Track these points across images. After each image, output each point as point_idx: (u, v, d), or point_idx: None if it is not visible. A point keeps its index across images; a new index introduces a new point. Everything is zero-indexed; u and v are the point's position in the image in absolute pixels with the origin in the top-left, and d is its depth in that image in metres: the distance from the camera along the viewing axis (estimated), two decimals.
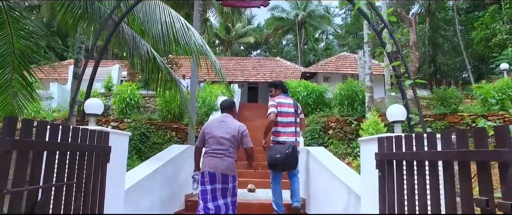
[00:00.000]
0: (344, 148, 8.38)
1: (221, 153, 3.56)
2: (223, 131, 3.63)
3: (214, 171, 3.48)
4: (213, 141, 3.62)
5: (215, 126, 3.71)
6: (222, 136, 3.60)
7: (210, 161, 3.54)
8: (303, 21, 32.39)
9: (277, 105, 4.26)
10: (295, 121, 4.35)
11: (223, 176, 3.53)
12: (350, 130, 8.90)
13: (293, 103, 4.43)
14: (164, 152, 5.93)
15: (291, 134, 4.30)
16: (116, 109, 10.46)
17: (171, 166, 5.42)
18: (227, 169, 3.54)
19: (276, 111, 4.22)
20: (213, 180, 3.52)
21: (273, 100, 4.35)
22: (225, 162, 3.54)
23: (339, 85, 9.52)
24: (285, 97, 4.45)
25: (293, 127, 4.33)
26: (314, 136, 8.85)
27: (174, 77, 7.54)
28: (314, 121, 9.25)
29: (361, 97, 9.08)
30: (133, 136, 9.50)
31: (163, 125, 9.86)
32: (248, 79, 22.14)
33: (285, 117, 4.30)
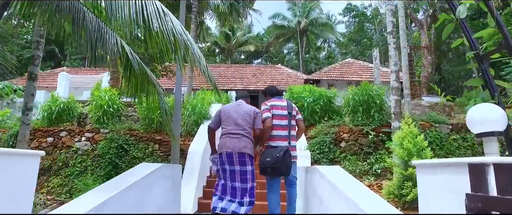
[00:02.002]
0: (362, 165, 6.69)
1: (238, 134, 3.68)
2: (239, 112, 3.84)
3: (231, 150, 3.58)
4: (229, 121, 3.79)
5: (231, 109, 3.93)
6: (239, 117, 3.78)
7: (227, 142, 3.65)
8: (305, 29, 30.94)
9: (270, 108, 4.03)
10: (290, 124, 4.05)
11: (241, 156, 3.59)
12: (366, 142, 7.21)
13: (287, 104, 4.16)
14: (126, 174, 4.29)
15: (284, 138, 4.00)
16: (93, 118, 8.82)
17: (133, 193, 3.76)
18: (244, 147, 3.61)
19: (271, 114, 3.97)
20: (231, 161, 3.62)
21: (265, 103, 4.14)
22: (242, 142, 3.64)
23: (351, 88, 7.86)
24: (278, 99, 4.22)
25: (286, 131, 4.03)
26: (323, 150, 7.16)
27: (152, 78, 5.94)
28: (322, 131, 7.57)
29: (379, 102, 7.42)
30: (108, 149, 7.84)
31: (144, 136, 8.21)
32: (247, 87, 20.54)
33: (279, 120, 4.03)
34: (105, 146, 7.88)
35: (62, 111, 8.89)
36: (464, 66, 31.17)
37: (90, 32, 4.76)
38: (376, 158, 6.94)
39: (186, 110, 8.80)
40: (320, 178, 4.21)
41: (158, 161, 7.76)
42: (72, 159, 8.05)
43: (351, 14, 31.19)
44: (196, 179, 6.83)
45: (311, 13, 30.34)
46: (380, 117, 7.40)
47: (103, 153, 7.82)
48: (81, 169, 7.90)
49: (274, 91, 4.34)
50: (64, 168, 7.97)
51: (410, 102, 8.89)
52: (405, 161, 4.26)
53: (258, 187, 6.90)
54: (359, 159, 7.03)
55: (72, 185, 7.64)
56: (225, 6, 13.38)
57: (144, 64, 5.83)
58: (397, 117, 5.79)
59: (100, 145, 7.98)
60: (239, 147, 3.62)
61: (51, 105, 8.83)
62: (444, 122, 7.12)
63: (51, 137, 8.41)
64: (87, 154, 8.11)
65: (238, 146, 3.62)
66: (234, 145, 3.62)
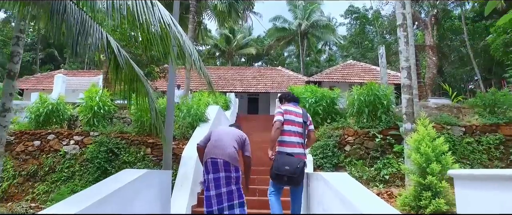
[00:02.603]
0: (369, 171, 6.13)
1: (224, 145, 3.63)
2: (230, 134, 3.85)
3: (215, 157, 3.50)
4: (216, 137, 3.76)
5: (222, 130, 3.98)
6: (228, 138, 3.75)
7: (213, 150, 3.61)
8: (306, 32, 30.43)
9: (283, 112, 3.92)
10: (303, 132, 3.94)
11: (226, 164, 3.50)
12: (373, 146, 6.65)
13: (302, 112, 4.04)
14: (105, 183, 3.73)
15: (298, 145, 3.84)
16: (83, 120, 8.29)
17: (113, 205, 3.21)
18: (229, 157, 3.52)
19: (282, 119, 3.86)
20: (215, 168, 3.51)
21: (280, 107, 4.06)
22: (228, 150, 3.57)
23: (356, 88, 7.31)
24: (293, 105, 4.10)
25: (299, 138, 3.89)
26: (326, 154, 6.60)
27: (141, 77, 5.41)
28: (325, 134, 7.02)
29: (386, 103, 6.87)
30: (97, 153, 7.30)
31: (136, 139, 7.66)
32: (247, 89, 20.01)
33: (292, 126, 3.88)
34: (94, 150, 7.35)
35: (51, 113, 8.37)
36: (465, 68, 30.65)
37: (71, 25, 4.25)
38: (384, 163, 6.38)
39: (181, 111, 8.27)
40: (326, 187, 3.65)
41: (150, 166, 7.21)
42: (60, 164, 7.52)
43: (352, 16, 30.68)
44: (189, 185, 6.31)
45: (312, 15, 29.83)
46: (387, 118, 6.85)
47: (91, 158, 7.29)
48: (68, 174, 7.36)
49: (290, 97, 4.23)
50: (51, 174, 7.44)
51: (417, 103, 8.34)
52: (422, 167, 3.73)
53: (256, 193, 6.38)
54: (365, 164, 6.47)
55: (59, 191, 7.10)
56: (223, 5, 12.88)
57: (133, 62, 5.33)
58: (410, 118, 5.24)
59: (89, 149, 7.45)
60: (226, 155, 3.54)
61: (39, 106, 8.30)
62: (456, 124, 6.56)
63: (38, 141, 7.87)
64: (75, 159, 7.57)
65: (225, 154, 3.55)
66: (220, 153, 3.55)
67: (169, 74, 6.80)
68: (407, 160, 5.23)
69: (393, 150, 6.52)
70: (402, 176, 6.18)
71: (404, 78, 5.34)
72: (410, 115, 5.25)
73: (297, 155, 3.79)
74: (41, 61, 32.44)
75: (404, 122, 5.37)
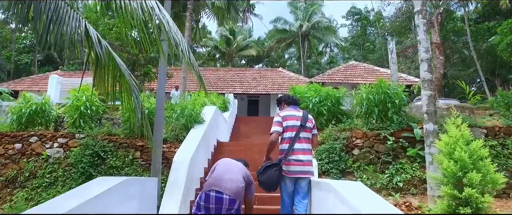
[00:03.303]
0: (382, 178, 5.44)
1: (232, 178, 3.31)
2: (236, 165, 3.55)
3: (221, 191, 3.16)
4: (224, 167, 3.47)
5: (229, 160, 3.67)
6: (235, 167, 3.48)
7: (216, 182, 3.26)
8: (307, 33, 29.79)
9: (283, 120, 3.59)
10: (297, 136, 3.53)
11: (231, 202, 3.17)
12: (384, 150, 5.97)
13: (303, 115, 3.65)
14: (74, 192, 3.07)
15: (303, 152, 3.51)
16: (69, 121, 7.61)
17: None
18: (236, 194, 3.22)
19: (280, 129, 3.56)
20: (219, 207, 3.15)
21: (278, 114, 3.71)
22: (235, 185, 3.26)
23: (364, 87, 6.63)
24: (293, 109, 3.75)
25: (305, 144, 3.55)
26: (332, 159, 5.91)
27: (124, 70, 4.77)
28: (331, 136, 6.33)
29: (398, 102, 6.18)
30: (82, 157, 6.62)
31: (125, 142, 6.98)
32: (247, 91, 19.34)
33: (291, 132, 3.55)
34: (79, 154, 6.67)
35: (35, 114, 7.69)
36: (468, 70, 29.98)
37: (42, 11, 3.59)
38: (397, 168, 5.69)
39: (175, 112, 7.59)
40: (337, 200, 2.97)
41: (139, 171, 6.53)
42: (42, 169, 6.83)
43: (354, 17, 30.04)
44: (180, 193, 5.63)
45: (313, 16, 29.20)
46: (399, 119, 6.17)
47: (75, 162, 6.60)
48: (51, 180, 6.68)
49: (289, 100, 3.89)
50: (32, 179, 6.75)
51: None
52: (458, 177, 3.05)
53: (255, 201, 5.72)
54: (376, 169, 5.78)
55: (39, 199, 6.41)
56: (222, 2, 12.23)
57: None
58: (431, 117, 4.53)
59: (73, 152, 6.77)
60: (233, 190, 3.19)
61: (22, 106, 7.63)
62: (477, 125, 5.87)
63: (20, 143, 7.19)
64: (59, 163, 6.89)
65: (232, 189, 3.20)
66: (228, 187, 3.19)
67: (159, 70, 6.15)
68: (430, 167, 4.54)
69: (407, 154, 5.84)
70: (417, 183, 5.50)
71: (424, 71, 4.65)
72: (432, 114, 4.55)
73: (304, 163, 3.49)
74: (40, 63, 31.87)
75: (424, 122, 4.68)
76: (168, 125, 7.40)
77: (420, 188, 5.43)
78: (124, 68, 4.57)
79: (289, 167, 3.49)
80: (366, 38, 30.69)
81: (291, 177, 3.50)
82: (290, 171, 3.49)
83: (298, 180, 3.54)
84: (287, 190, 3.55)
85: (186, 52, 3.98)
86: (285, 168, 3.49)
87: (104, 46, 4.33)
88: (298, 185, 3.55)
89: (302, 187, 3.56)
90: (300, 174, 3.49)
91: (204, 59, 32.22)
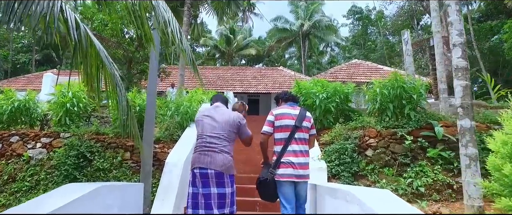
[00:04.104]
0: (403, 182, 4.75)
1: (216, 148, 2.84)
2: (218, 119, 2.97)
3: (206, 167, 2.76)
4: (206, 130, 2.95)
5: (208, 114, 3.04)
6: (217, 126, 2.93)
7: (201, 157, 2.83)
8: (308, 32, 29.12)
9: (276, 119, 3.23)
10: (301, 138, 3.19)
11: (218, 176, 2.77)
12: (401, 150, 5.28)
13: (299, 114, 3.25)
14: (29, 205, 2.38)
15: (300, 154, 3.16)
16: (54, 119, 6.93)
17: None
18: (222, 165, 2.79)
19: (270, 130, 3.25)
20: (206, 182, 2.77)
21: (272, 113, 3.32)
22: (220, 158, 2.81)
23: (378, 81, 5.96)
24: (289, 106, 3.35)
25: (301, 145, 3.18)
26: (343, 160, 5.22)
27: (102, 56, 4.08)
28: (341, 135, 5.65)
29: (416, 97, 5.50)
30: (66, 158, 5.93)
31: (114, 142, 6.30)
32: (248, 90, 18.65)
33: (284, 132, 3.20)
34: (62, 155, 5.98)
35: (17, 111, 7.01)
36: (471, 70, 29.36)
37: None
38: (416, 171, 5.00)
39: (169, 109, 6.91)
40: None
41: (128, 174, 5.84)
42: (22, 171, 6.15)
43: (355, 16, 29.35)
44: (173, 199, 5.00)
45: (314, 15, 28.54)
46: (417, 116, 5.49)
47: (58, 164, 5.92)
48: (32, 184, 5.99)
49: (286, 97, 3.49)
50: (11, 183, 6.06)
51: (447, 100, 6.98)
52: None
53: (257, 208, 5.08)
54: (392, 172, 5.09)
55: (18, 205, 5.71)
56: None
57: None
58: (468, 112, 3.82)
59: (57, 153, 6.09)
60: (217, 163, 2.80)
61: (2, 103, 6.95)
62: None
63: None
64: (41, 165, 6.20)
65: (215, 162, 2.80)
66: (210, 161, 2.81)
67: (150, 61, 5.47)
68: (467, 171, 3.85)
69: (427, 155, 5.15)
70: (440, 189, 4.81)
71: (457, 58, 3.94)
72: (468, 108, 3.84)
73: (296, 166, 3.12)
74: (38, 62, 31.22)
75: (459, 118, 3.96)
76: (162, 123, 6.73)
77: (444, 194, 4.75)
78: (105, 55, 3.89)
79: (282, 170, 3.14)
80: (367, 37, 30.00)
81: (286, 181, 3.14)
82: (283, 174, 3.13)
83: (296, 184, 3.21)
84: (285, 195, 3.16)
85: (177, 33, 3.30)
86: (277, 172, 3.15)
87: (83, 31, 3.66)
88: (297, 190, 3.23)
89: (301, 193, 3.25)
90: (294, 178, 3.14)
91: (204, 59, 31.55)
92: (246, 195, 5.41)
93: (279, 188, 3.17)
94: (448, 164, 5.00)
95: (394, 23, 27.87)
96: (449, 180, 4.82)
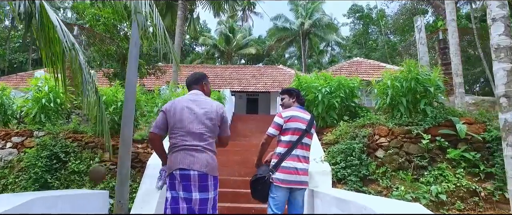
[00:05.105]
0: (425, 189, 4.01)
1: (198, 146, 2.36)
2: (197, 111, 2.42)
3: (188, 169, 2.31)
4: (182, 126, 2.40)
5: (183, 105, 2.44)
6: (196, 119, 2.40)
7: (181, 157, 2.35)
8: (308, 31, 28.38)
9: (285, 122, 2.98)
10: (306, 143, 3.01)
11: (202, 178, 2.34)
12: (416, 151, 4.54)
13: (310, 119, 3.04)
14: None
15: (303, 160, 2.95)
16: (28, 116, 6.20)
17: None
18: (207, 165, 2.36)
19: (276, 133, 3.01)
20: (187, 186, 2.32)
21: (280, 115, 3.03)
22: (203, 157, 2.36)
23: (389, 72, 5.23)
24: (300, 110, 3.10)
25: (306, 151, 3.01)
26: (351, 162, 4.49)
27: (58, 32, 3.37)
28: (347, 134, 4.92)
29: (433, 90, 4.76)
30: (36, 160, 5.20)
31: (92, 141, 5.57)
32: (246, 89, 17.91)
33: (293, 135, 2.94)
34: (33, 156, 5.25)
35: None
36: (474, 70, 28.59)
37: None
38: (435, 175, 4.26)
39: (155, 105, 6.18)
40: None
41: (106, 177, 5.10)
42: None
43: (356, 15, 28.61)
44: (154, 206, 4.32)
45: (314, 14, 27.80)
46: (435, 112, 4.75)
47: (28, 166, 5.19)
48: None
49: (301, 98, 3.25)
50: None
51: (463, 95, 6.24)
52: None
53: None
54: (409, 177, 4.35)
55: None
56: None
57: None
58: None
59: (27, 154, 5.36)
60: (201, 163, 2.32)
61: None
62: None
63: None
64: (10, 167, 5.47)
65: (199, 163, 2.31)
66: (191, 161, 2.32)
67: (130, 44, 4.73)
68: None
69: (447, 157, 4.41)
70: (465, 196, 4.07)
71: (498, 35, 3.16)
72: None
73: (300, 172, 2.89)
74: (36, 62, 30.54)
75: (502, 111, 3.18)
76: (146, 120, 6.01)
77: (469, 202, 4.01)
78: (64, 31, 3.16)
79: (283, 176, 2.86)
80: (368, 36, 29.25)
81: (283, 187, 2.86)
82: (283, 180, 2.85)
83: (293, 191, 2.93)
84: (277, 202, 2.87)
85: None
86: (277, 176, 2.86)
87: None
88: (293, 197, 2.96)
89: (298, 200, 2.98)
90: (296, 185, 2.89)
91: (203, 58, 30.84)
92: (240, 201, 4.72)
93: (274, 192, 2.88)
94: (473, 167, 4.27)
95: (396, 22, 27.15)
96: (475, 186, 4.08)
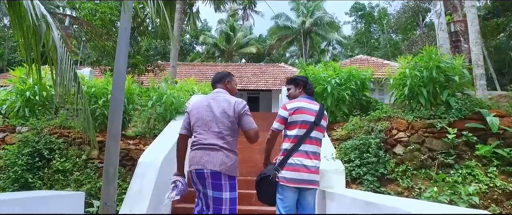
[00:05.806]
0: (465, 190, 3.46)
1: (214, 144, 2.34)
2: (215, 109, 2.43)
3: (202, 168, 2.29)
4: (200, 124, 2.43)
5: (203, 104, 2.49)
6: (214, 118, 2.40)
7: (197, 156, 2.35)
8: (309, 30, 27.86)
9: (290, 114, 2.67)
10: (316, 137, 2.70)
11: (215, 176, 2.28)
12: (440, 147, 4.01)
13: (319, 110, 2.74)
14: None
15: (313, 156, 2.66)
16: (12, 111, 5.67)
17: None
18: (221, 164, 2.29)
19: (281, 127, 2.74)
20: (202, 183, 2.33)
21: (285, 107, 2.74)
22: (218, 156, 2.32)
23: (406, 60, 4.69)
24: (307, 100, 2.80)
25: (316, 146, 2.69)
26: (366, 159, 3.96)
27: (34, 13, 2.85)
28: (362, 128, 4.38)
29: (458, 79, 4.23)
30: (17, 157, 4.66)
31: (80, 137, 5.03)
32: (247, 87, 17.39)
33: (300, 129, 2.65)
34: (13, 153, 4.72)
35: None
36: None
37: None
38: (463, 174, 3.72)
39: (150, 99, 5.65)
40: None
41: (93, 176, 4.57)
42: None
43: (358, 14, 28.09)
44: (144, 208, 3.80)
45: (315, 12, 27.29)
46: (461, 103, 4.21)
47: (8, 164, 4.66)
48: None
49: (308, 87, 2.90)
50: None
51: (485, 87, 5.71)
52: None
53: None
54: (430, 175, 3.81)
55: None
56: None
57: None
58: None
59: (6, 151, 4.83)
60: (215, 162, 2.27)
61: None
62: None
63: None
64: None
65: (213, 162, 2.28)
66: (206, 160, 2.29)
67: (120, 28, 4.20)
68: None
69: (475, 153, 3.88)
70: (500, 198, 3.54)
71: None
72: None
73: (310, 169, 2.60)
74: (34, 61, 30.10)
75: None
76: (139, 114, 5.49)
77: (505, 205, 3.47)
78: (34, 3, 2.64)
79: (290, 174, 2.59)
80: (370, 35, 28.72)
81: (291, 187, 2.59)
82: (291, 179, 2.58)
83: (302, 191, 2.66)
84: (286, 203, 2.61)
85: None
86: (283, 175, 2.60)
87: None
88: (303, 198, 2.69)
89: (308, 201, 2.70)
90: (305, 184, 2.61)
91: (203, 57, 30.34)
92: (242, 202, 4.21)
93: (281, 193, 2.62)
94: (507, 165, 3.73)
95: (398, 20, 26.66)
96: (511, 187, 3.54)
